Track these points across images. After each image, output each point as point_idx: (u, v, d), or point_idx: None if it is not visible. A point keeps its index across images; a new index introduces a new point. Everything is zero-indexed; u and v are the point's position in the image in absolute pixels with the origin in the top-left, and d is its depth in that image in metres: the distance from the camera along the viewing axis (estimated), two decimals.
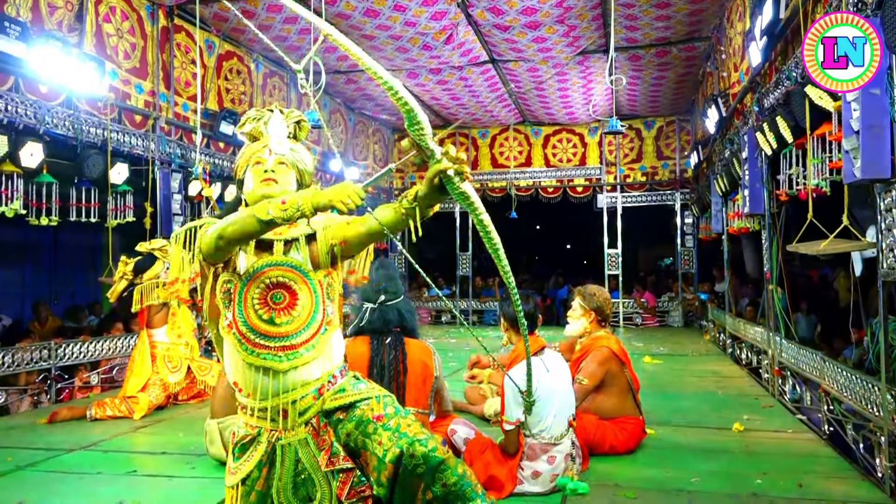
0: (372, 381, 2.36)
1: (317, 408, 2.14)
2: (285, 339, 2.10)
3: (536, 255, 21.49)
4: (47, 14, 5.74)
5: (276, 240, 2.19)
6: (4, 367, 5.48)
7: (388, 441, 2.07)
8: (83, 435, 4.74)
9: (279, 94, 9.40)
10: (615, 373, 4.12)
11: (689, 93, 10.85)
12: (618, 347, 4.18)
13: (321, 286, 2.16)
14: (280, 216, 1.95)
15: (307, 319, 2.12)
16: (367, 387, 2.26)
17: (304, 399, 2.14)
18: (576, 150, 12.91)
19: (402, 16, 7.61)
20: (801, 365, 5.14)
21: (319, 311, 2.14)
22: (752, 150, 6.12)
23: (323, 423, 2.15)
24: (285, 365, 2.10)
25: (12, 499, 3.45)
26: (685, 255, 12.42)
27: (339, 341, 2.29)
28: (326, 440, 2.14)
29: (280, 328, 2.10)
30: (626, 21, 7.80)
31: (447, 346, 9.32)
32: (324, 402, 2.16)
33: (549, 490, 3.40)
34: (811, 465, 3.86)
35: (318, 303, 2.15)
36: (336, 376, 2.22)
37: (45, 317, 8.51)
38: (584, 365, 4.15)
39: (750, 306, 8.44)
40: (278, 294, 2.12)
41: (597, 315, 4.27)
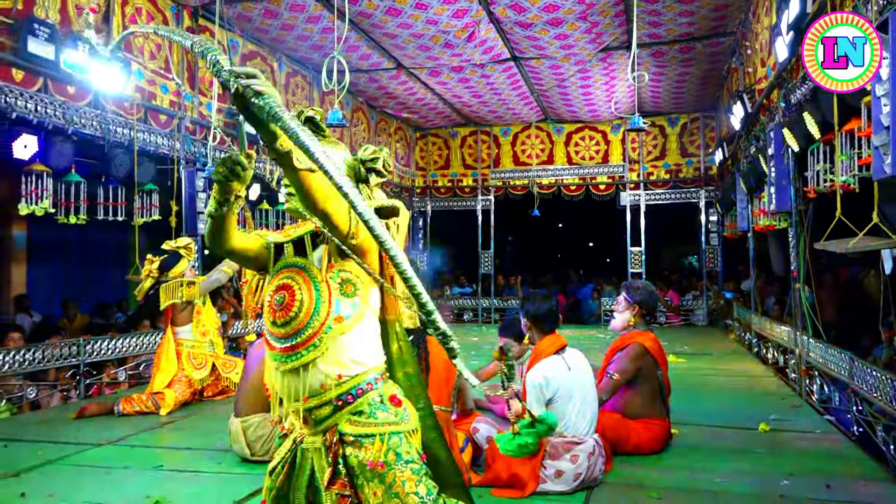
0: (403, 398, 2.18)
1: (333, 420, 2.10)
2: (286, 340, 2.09)
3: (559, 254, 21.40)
4: (75, 15, 5.83)
5: (285, 242, 2.19)
6: (35, 363, 5.59)
7: (381, 495, 2.01)
8: (111, 430, 4.82)
9: (302, 94, 9.46)
10: (647, 371, 4.07)
11: (714, 89, 10.73)
12: (653, 345, 4.12)
13: (328, 284, 2.12)
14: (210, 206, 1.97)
15: (306, 319, 2.08)
16: (385, 416, 2.09)
17: (321, 409, 2.10)
18: (598, 147, 12.83)
19: (424, 14, 7.61)
20: (830, 365, 5.06)
21: (322, 310, 2.09)
22: (778, 146, 6.04)
23: (336, 439, 2.09)
24: (288, 366, 2.08)
25: (44, 492, 3.51)
26: (710, 254, 12.30)
27: (363, 342, 2.12)
28: (335, 457, 2.09)
29: (281, 329, 2.09)
30: (648, 17, 7.73)
31: (469, 345, 9.31)
32: (340, 417, 2.09)
33: (572, 489, 3.38)
34: (840, 467, 3.80)
35: (318, 301, 2.06)
36: (362, 389, 2.09)
37: (74, 314, 8.66)
38: (617, 359, 4.13)
39: (777, 305, 8.32)
40: (280, 296, 2.11)
41: (641, 309, 4.24)
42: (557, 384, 3.39)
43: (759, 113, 7.38)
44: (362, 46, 8.59)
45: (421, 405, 2.23)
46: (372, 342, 2.16)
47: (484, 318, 13.13)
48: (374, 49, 8.71)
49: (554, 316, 3.64)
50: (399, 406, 2.14)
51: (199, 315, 5.76)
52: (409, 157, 13.45)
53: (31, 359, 5.54)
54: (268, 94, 1.58)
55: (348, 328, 2.09)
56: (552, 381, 3.39)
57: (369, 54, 8.90)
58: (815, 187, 5.22)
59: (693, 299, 12.46)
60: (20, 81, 5.31)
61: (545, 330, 3.61)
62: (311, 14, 7.53)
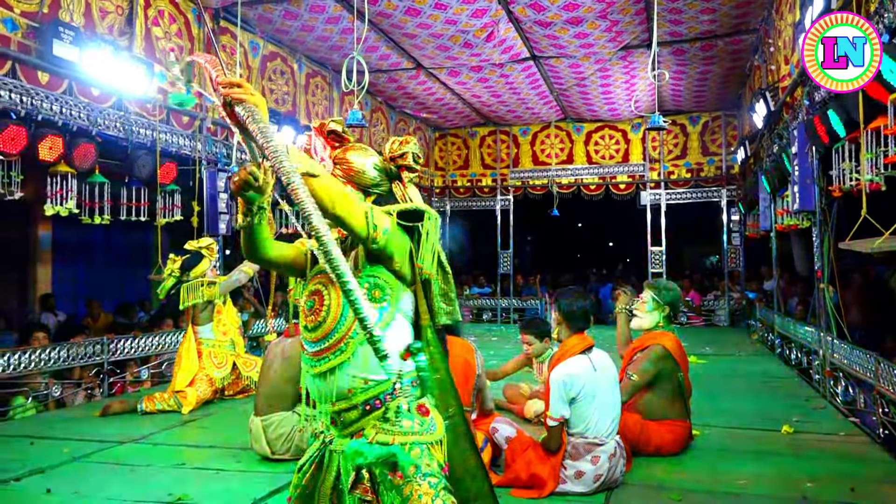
0: (432, 406, 2.15)
1: (360, 424, 2.11)
2: (316, 344, 2.11)
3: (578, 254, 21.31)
4: (99, 19, 5.92)
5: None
6: (60, 362, 5.68)
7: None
8: (134, 428, 4.88)
9: (322, 94, 9.51)
10: (668, 373, 4.03)
11: (736, 87, 10.61)
12: (674, 347, 4.08)
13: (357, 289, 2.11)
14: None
15: (333, 324, 2.09)
16: (410, 426, 2.07)
17: (349, 412, 2.11)
18: (618, 146, 12.75)
19: (443, 14, 7.61)
20: (855, 366, 4.98)
21: (348, 316, 2.08)
22: (802, 144, 5.96)
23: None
24: (318, 369, 2.10)
25: (69, 488, 3.57)
26: (731, 253, 12.17)
27: (391, 348, 2.02)
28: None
29: (312, 334, 2.11)
30: (669, 15, 7.67)
31: (489, 345, 9.30)
32: (367, 422, 2.08)
33: (592, 490, 3.36)
34: (865, 470, 3.74)
35: (345, 307, 2.04)
36: (390, 394, 2.08)
37: (98, 313, 8.78)
38: (637, 360, 4.09)
39: (800, 305, 8.22)
40: (311, 301, 2.14)
41: (670, 310, 4.20)
42: (582, 384, 3.37)
43: (782, 111, 7.29)
44: (382, 47, 8.61)
45: (451, 412, 2.19)
46: (401, 348, 2.10)
47: (503, 318, 13.11)
48: (393, 49, 8.73)
49: (586, 315, 3.60)
50: (426, 416, 2.11)
51: (220, 314, 5.81)
52: (429, 157, 13.46)
53: (56, 357, 5.63)
54: (247, 103, 1.67)
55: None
56: (577, 380, 3.37)
57: (388, 54, 8.92)
58: (840, 186, 5.15)
59: (715, 299, 12.34)
60: (45, 84, 5.40)
61: (575, 328, 3.57)
62: (330, 15, 7.57)
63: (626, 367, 4.16)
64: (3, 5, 5.06)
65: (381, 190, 2.20)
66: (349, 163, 2.20)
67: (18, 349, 5.49)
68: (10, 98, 5.10)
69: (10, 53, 5.10)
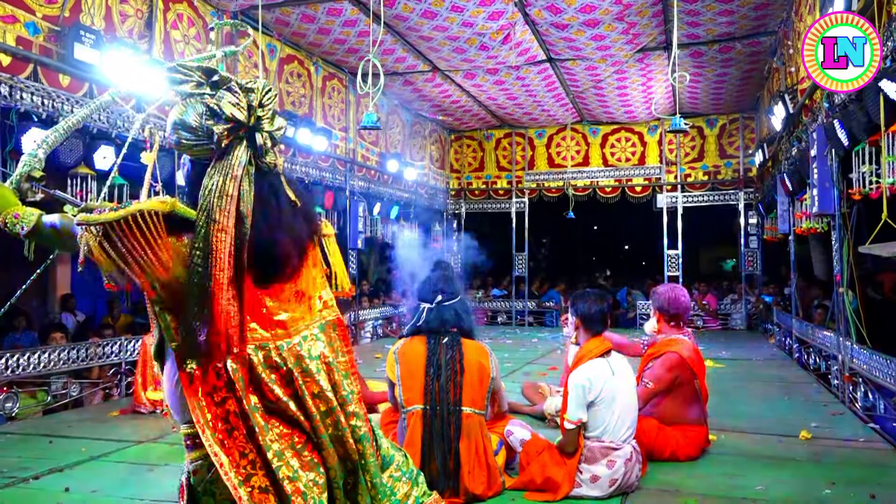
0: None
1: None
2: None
3: (594, 256, 21.23)
4: (119, 22, 5.98)
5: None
6: (79, 362, 5.75)
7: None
8: (151, 428, 4.93)
9: (338, 97, 9.55)
10: (684, 381, 4.01)
11: (754, 89, 10.53)
12: (690, 354, 4.03)
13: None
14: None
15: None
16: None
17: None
18: (635, 149, 12.69)
19: (460, 16, 7.62)
20: (875, 371, 4.92)
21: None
22: (821, 147, 5.90)
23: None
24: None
25: (88, 487, 3.61)
26: (749, 257, 12.07)
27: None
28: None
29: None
30: (687, 17, 7.63)
31: (503, 347, 9.29)
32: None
33: (607, 494, 3.35)
34: (885, 477, 3.69)
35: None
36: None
37: (118, 313, 8.86)
38: (652, 367, 4.07)
39: (819, 309, 8.13)
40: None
41: (661, 315, 4.19)
42: (601, 387, 3.36)
43: (801, 113, 7.22)
44: (398, 49, 8.63)
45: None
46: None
47: (518, 321, 13.08)
48: (409, 52, 8.75)
49: (604, 318, 3.60)
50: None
51: None
52: (444, 160, 13.47)
53: (74, 357, 5.70)
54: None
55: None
56: (595, 384, 3.36)
57: (404, 57, 8.94)
58: (861, 189, 5.09)
59: (731, 303, 12.24)
60: (66, 87, 5.47)
61: (593, 331, 3.57)
62: (347, 18, 7.60)
63: (641, 374, 4.14)
64: (25, 10, 5.14)
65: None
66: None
67: (38, 349, 5.56)
68: (32, 101, 5.17)
69: (31, 57, 5.18)
